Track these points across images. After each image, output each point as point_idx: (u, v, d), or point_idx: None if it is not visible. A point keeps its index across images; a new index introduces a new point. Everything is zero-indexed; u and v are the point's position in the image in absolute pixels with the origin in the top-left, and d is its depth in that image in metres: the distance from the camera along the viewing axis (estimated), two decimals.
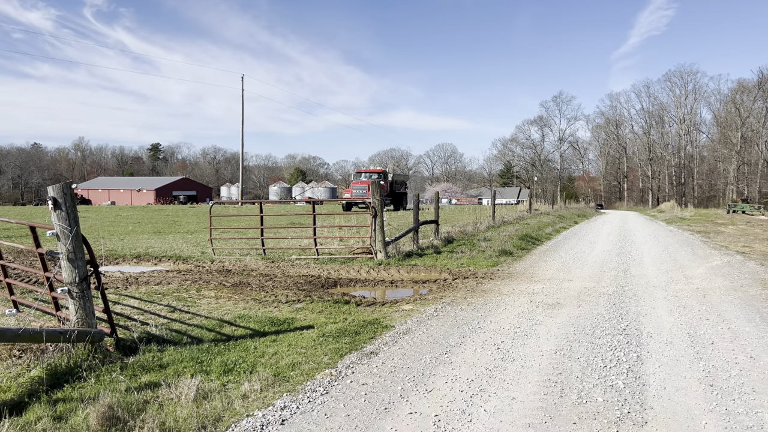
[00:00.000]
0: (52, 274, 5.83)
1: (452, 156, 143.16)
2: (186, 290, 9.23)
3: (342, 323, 7.10)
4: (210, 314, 7.54)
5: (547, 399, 4.60)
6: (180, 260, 13.30)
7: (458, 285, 9.91)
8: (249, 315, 7.51)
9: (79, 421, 3.96)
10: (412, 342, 6.29)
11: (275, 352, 5.84)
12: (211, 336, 6.44)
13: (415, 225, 15.24)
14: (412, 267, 12.05)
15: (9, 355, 5.28)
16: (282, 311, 7.86)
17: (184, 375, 5.04)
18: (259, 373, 5.13)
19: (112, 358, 5.36)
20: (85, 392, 4.57)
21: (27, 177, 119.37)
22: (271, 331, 6.70)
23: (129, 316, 7.26)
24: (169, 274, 10.97)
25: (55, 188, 5.35)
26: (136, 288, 9.37)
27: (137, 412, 4.17)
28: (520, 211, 35.52)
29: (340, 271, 11.57)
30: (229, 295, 8.88)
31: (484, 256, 13.76)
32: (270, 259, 13.41)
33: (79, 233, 5.44)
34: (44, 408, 4.21)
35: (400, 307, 8.13)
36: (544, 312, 7.79)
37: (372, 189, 13.44)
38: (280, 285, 9.88)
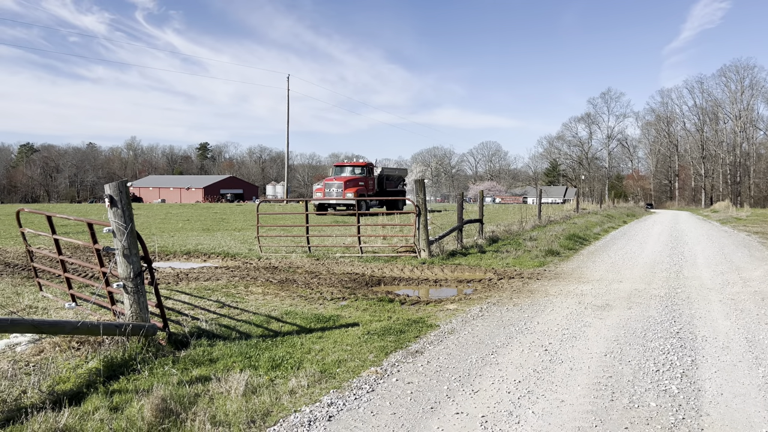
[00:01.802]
0: (108, 270, 6.04)
1: (496, 154, 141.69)
2: (234, 286, 9.41)
3: (386, 321, 7.11)
4: (257, 310, 7.67)
5: (597, 402, 4.50)
6: (228, 257, 13.58)
7: (504, 285, 9.80)
8: (295, 311, 7.61)
9: (134, 412, 4.08)
10: (457, 342, 6.25)
11: (321, 349, 5.89)
12: (259, 332, 6.56)
13: (459, 224, 15.14)
14: (456, 266, 11.97)
15: (68, 346, 5.50)
16: (327, 308, 7.93)
17: (233, 369, 5.14)
18: (306, 369, 5.19)
19: (165, 352, 5.52)
20: (140, 384, 4.72)
21: (82, 175, 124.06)
22: (316, 328, 6.77)
23: (180, 311, 7.46)
24: (218, 271, 11.21)
25: (111, 186, 5.53)
26: (187, 284, 9.61)
27: (189, 405, 4.28)
28: (567, 210, 34.86)
29: (384, 270, 11.60)
30: (275, 292, 9.02)
31: (530, 256, 13.55)
32: (315, 256, 13.56)
33: (134, 230, 5.62)
34: (101, 399, 4.37)
35: (445, 307, 8.09)
36: (593, 313, 7.62)
37: (416, 188, 13.39)
38: (325, 282, 9.98)
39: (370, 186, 34.44)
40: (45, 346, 5.55)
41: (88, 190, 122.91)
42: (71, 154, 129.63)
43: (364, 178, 33.82)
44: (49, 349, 5.51)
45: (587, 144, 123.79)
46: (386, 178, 37.87)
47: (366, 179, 33.97)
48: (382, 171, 37.34)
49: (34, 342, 5.74)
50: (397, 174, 40.76)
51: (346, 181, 32.15)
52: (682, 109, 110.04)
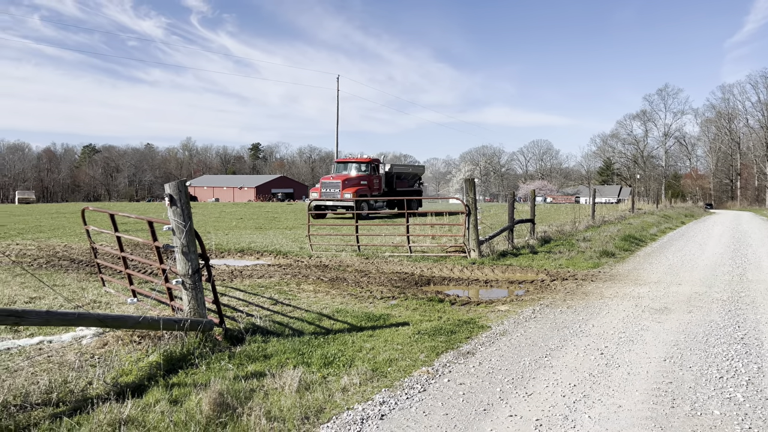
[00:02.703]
0: (168, 267, 6.23)
1: (547, 153, 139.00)
2: (287, 284, 9.57)
3: (437, 321, 7.08)
4: (309, 307, 7.77)
5: (656, 409, 4.36)
6: (280, 255, 13.82)
7: (557, 287, 9.61)
8: (346, 309, 7.68)
9: (193, 406, 4.20)
10: (509, 343, 6.17)
11: (372, 347, 5.92)
12: (311, 329, 6.64)
13: (510, 224, 14.94)
14: (507, 267, 11.82)
15: (130, 340, 5.71)
16: (377, 307, 7.96)
17: (286, 366, 5.23)
18: (358, 368, 5.22)
19: (221, 347, 5.66)
20: (197, 378, 4.86)
21: (140, 175, 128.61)
22: (367, 327, 6.81)
23: (235, 307, 7.64)
24: (271, 268, 11.43)
25: (171, 186, 5.71)
26: (241, 281, 9.83)
27: (245, 400, 4.38)
28: (622, 211, 33.88)
29: (433, 269, 11.56)
30: (326, 290, 9.12)
31: (584, 257, 13.24)
32: (364, 255, 13.64)
33: (192, 228, 5.78)
34: (162, 391, 4.52)
35: (496, 308, 8.00)
36: (650, 317, 7.39)
37: (465, 187, 13.29)
38: (374, 281, 10.02)
39: (375, 185, 30.69)
40: (109, 339, 5.78)
41: (145, 189, 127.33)
42: (130, 155, 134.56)
43: (367, 177, 30.29)
44: (112, 342, 5.73)
45: (643, 142, 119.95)
46: (397, 176, 33.53)
47: (370, 177, 30.46)
48: (391, 168, 33.11)
49: (99, 335, 5.99)
50: (411, 172, 35.92)
51: (344, 180, 28.90)
52: (745, 105, 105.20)
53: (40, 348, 5.74)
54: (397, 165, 35.10)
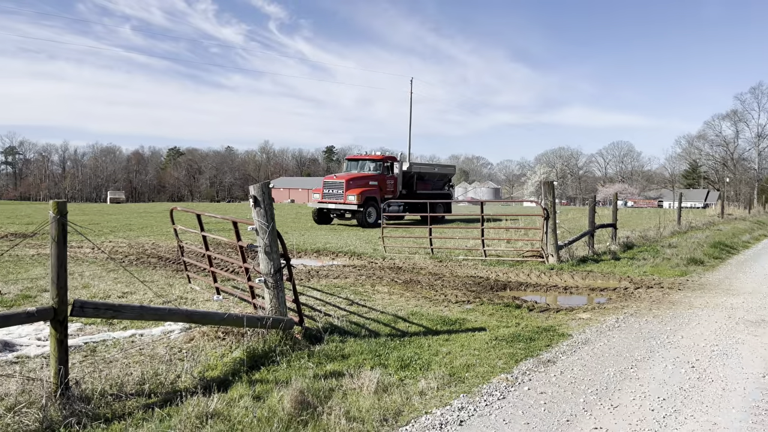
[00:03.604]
0: (251, 266, 6.44)
1: (628, 155, 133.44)
2: (361, 285, 9.67)
3: (515, 328, 6.94)
4: (384, 309, 7.81)
5: (756, 428, 4.07)
6: (354, 256, 13.99)
7: (641, 295, 9.19)
8: (421, 312, 7.66)
9: (275, 402, 4.31)
10: (592, 353, 5.95)
11: (449, 352, 5.87)
12: (387, 330, 6.67)
13: (591, 228, 14.44)
14: (587, 273, 11.43)
15: (215, 336, 5.93)
16: (452, 311, 7.90)
17: (364, 366, 5.27)
18: (435, 372, 5.19)
19: (300, 346, 5.77)
20: (279, 376, 4.97)
21: (221, 177, 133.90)
22: (443, 330, 6.76)
23: (313, 306, 7.78)
24: (346, 269, 11.58)
25: (255, 188, 5.89)
26: (317, 280, 10.02)
27: (324, 399, 4.44)
28: (710, 216, 32.05)
29: (509, 274, 11.34)
30: (400, 292, 9.14)
31: (670, 264, 12.61)
32: (438, 258, 13.57)
33: (275, 229, 5.94)
34: (245, 387, 4.65)
35: (577, 315, 7.74)
36: (746, 330, 6.92)
37: (544, 190, 12.96)
38: (449, 285, 9.95)
39: (388, 186, 26.24)
40: (195, 335, 6.03)
41: (226, 190, 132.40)
42: (212, 157, 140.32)
43: (378, 177, 25.90)
44: (198, 337, 5.97)
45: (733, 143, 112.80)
46: (418, 177, 28.58)
47: (382, 178, 25.96)
48: (410, 168, 28.24)
49: (186, 330, 6.25)
50: (437, 172, 30.63)
51: (349, 180, 24.65)
52: None
53: (133, 341, 6.06)
54: (418, 164, 30.41)
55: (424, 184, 28.76)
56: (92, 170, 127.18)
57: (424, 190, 28.34)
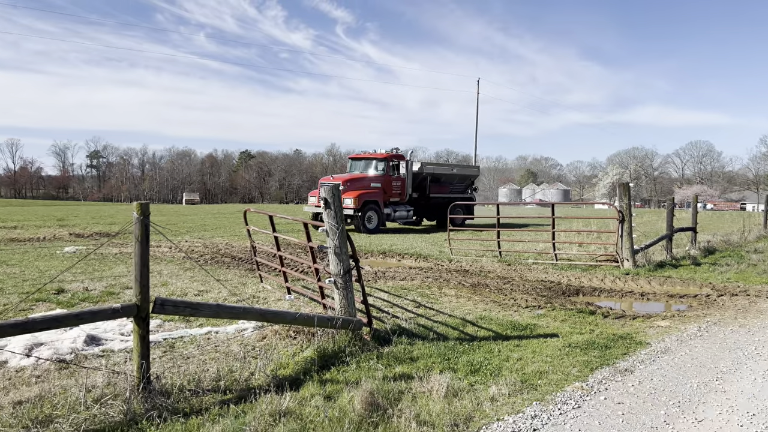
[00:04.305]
0: (322, 266, 6.52)
1: (707, 155, 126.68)
2: (428, 287, 9.62)
3: (589, 335, 6.70)
4: (452, 312, 7.73)
5: None
6: (420, 258, 13.96)
7: (725, 303, 8.68)
8: (490, 317, 7.53)
9: (345, 403, 4.33)
10: (673, 363, 5.66)
11: (520, 358, 5.74)
12: (455, 334, 6.59)
13: (669, 232, 13.80)
14: (665, 279, 10.91)
15: (286, 335, 6.04)
16: (522, 316, 7.72)
17: (433, 370, 5.22)
18: (506, 378, 5.08)
19: (369, 347, 5.79)
20: (348, 376, 5.00)
21: (290, 179, 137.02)
22: (513, 336, 6.62)
23: (380, 308, 7.80)
24: (412, 271, 11.56)
25: (325, 190, 5.97)
26: (384, 282, 10.05)
27: (394, 401, 4.43)
28: None
29: (582, 279, 10.99)
30: (468, 295, 9.02)
31: (756, 270, 11.86)
32: (506, 261, 13.33)
33: (344, 230, 6.00)
34: (316, 386, 4.71)
35: (655, 323, 7.40)
36: None
37: (619, 192, 12.48)
38: (518, 289, 9.74)
39: (394, 189, 23.56)
40: (267, 333, 6.17)
41: (294, 192, 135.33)
42: (281, 160, 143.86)
43: (382, 178, 23.24)
44: (270, 336, 6.11)
45: None
46: (432, 178, 25.42)
47: (387, 179, 23.30)
48: (422, 168, 25.07)
49: (258, 329, 6.41)
50: (455, 174, 27.03)
51: (346, 181, 22.26)
52: None
53: (209, 338, 6.27)
54: (432, 164, 26.97)
55: (440, 187, 25.81)
56: (169, 173, 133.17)
57: (439, 194, 25.49)
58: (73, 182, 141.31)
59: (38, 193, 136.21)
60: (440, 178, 25.84)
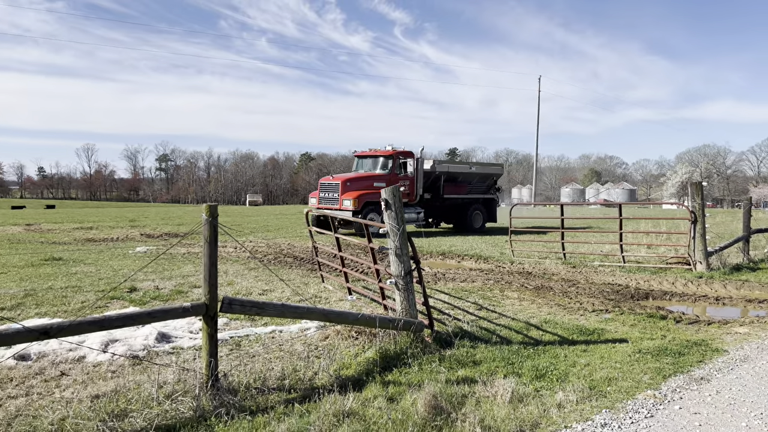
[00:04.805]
0: (383, 267, 6.53)
1: None
2: (490, 289, 9.47)
3: (660, 340, 6.42)
4: (515, 316, 7.58)
5: None
6: (481, 259, 13.78)
7: None
8: (554, 320, 7.34)
9: (408, 405, 4.31)
10: (754, 372, 5.35)
11: (587, 363, 5.55)
12: (519, 338, 6.46)
13: (746, 233, 13.07)
14: (742, 283, 10.34)
15: (348, 335, 6.08)
16: (589, 320, 7.48)
17: (496, 374, 5.13)
18: (573, 384, 4.92)
19: (431, 349, 5.75)
20: (411, 378, 4.98)
21: None
22: (579, 340, 6.42)
23: (441, 310, 7.74)
24: (472, 273, 11.43)
25: (387, 191, 5.97)
26: (444, 284, 9.97)
27: (458, 405, 4.37)
28: None
29: (651, 282, 10.55)
30: (531, 298, 8.83)
31: None
32: (570, 263, 12.97)
33: (405, 231, 5.97)
34: (378, 388, 4.71)
35: (732, 329, 7.01)
36: None
37: (691, 191, 11.92)
38: (584, 292, 9.46)
39: (408, 190, 21.76)
40: (330, 333, 6.22)
41: None
42: (340, 162, 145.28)
43: (387, 177, 21.26)
44: (332, 335, 6.16)
45: None
46: (447, 178, 23.22)
47: (392, 178, 21.29)
48: (434, 167, 22.79)
49: (320, 328, 6.48)
50: (474, 173, 24.45)
51: (345, 181, 20.67)
52: None
53: (273, 336, 6.38)
54: (446, 162, 24.62)
55: (457, 187, 23.71)
56: (233, 175, 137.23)
57: (455, 194, 23.55)
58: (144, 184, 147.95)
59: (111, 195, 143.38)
60: (457, 178, 23.76)
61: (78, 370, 5.11)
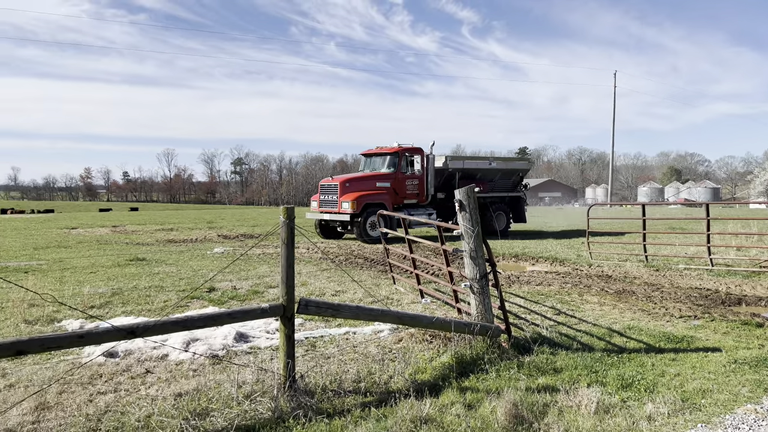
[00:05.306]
0: (457, 270, 6.40)
1: None
2: (567, 293, 9.14)
3: (758, 350, 5.96)
4: (596, 321, 7.26)
5: None
6: (556, 262, 13.35)
7: None
8: (639, 327, 6.97)
9: (487, 413, 4.17)
10: None
11: (677, 373, 5.22)
12: (602, 345, 6.16)
13: None
14: None
15: (422, 338, 5.99)
16: (677, 327, 7.06)
17: (579, 383, 4.90)
18: (663, 395, 4.63)
19: (509, 356, 5.57)
20: (489, 385, 4.83)
21: None
22: (667, 349, 6.06)
23: (517, 314, 7.52)
24: (548, 276, 11.07)
25: (460, 192, 5.85)
26: (519, 287, 9.70)
27: (540, 415, 4.19)
28: None
29: (743, 287, 9.87)
30: (613, 303, 8.44)
31: None
32: (653, 266, 12.35)
33: (480, 233, 5.83)
34: (456, 394, 4.59)
35: None
36: None
37: None
38: (669, 297, 8.95)
39: (407, 189, 19.96)
40: (403, 336, 6.16)
41: None
42: None
43: (392, 176, 19.72)
44: (406, 338, 6.09)
45: None
46: (464, 175, 21.22)
47: (398, 177, 19.75)
48: (446, 163, 20.89)
49: (394, 331, 6.42)
50: (494, 169, 22.31)
51: (344, 182, 19.20)
52: None
53: (347, 338, 6.39)
54: (459, 158, 22.10)
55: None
56: (304, 177, 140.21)
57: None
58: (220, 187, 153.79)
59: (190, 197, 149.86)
60: (474, 175, 21.63)
61: (162, 368, 5.29)
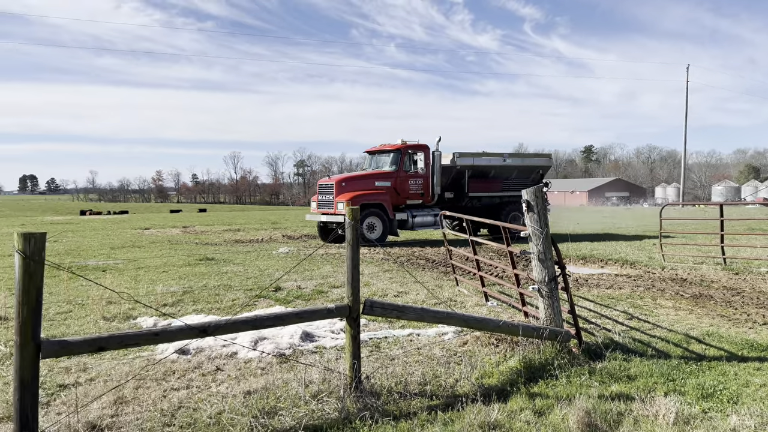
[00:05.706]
0: (525, 273, 6.25)
1: None
2: (640, 297, 8.77)
3: None
4: (672, 327, 6.92)
5: None
6: (627, 264, 12.85)
7: None
8: (719, 333, 6.60)
9: (558, 421, 4.03)
10: None
11: (763, 384, 4.90)
12: (678, 352, 5.87)
13: None
14: None
15: (488, 342, 5.88)
16: (761, 334, 6.64)
17: (655, 391, 4.68)
18: (748, 407, 4.35)
19: (580, 361, 5.38)
20: (559, 391, 4.68)
21: None
22: (751, 357, 5.70)
23: (586, 318, 7.27)
24: (618, 279, 10.67)
25: (528, 192, 5.70)
26: (588, 290, 9.39)
27: (613, 424, 4.02)
28: None
29: None
30: (689, 308, 8.04)
31: None
32: (732, 269, 11.69)
33: (549, 235, 5.67)
34: (524, 400, 4.47)
35: None
36: None
37: None
38: (751, 302, 8.45)
39: (411, 188, 18.71)
40: (468, 339, 6.06)
41: None
42: None
43: (393, 175, 18.51)
44: (471, 342, 5.99)
45: None
46: (475, 173, 19.86)
47: (400, 176, 18.54)
48: (453, 160, 19.44)
49: (458, 334, 6.34)
50: (511, 165, 20.64)
51: (340, 182, 18.15)
52: None
53: (411, 340, 6.35)
54: (469, 155, 19.89)
55: (487, 183, 20.05)
56: None
57: (485, 192, 20.02)
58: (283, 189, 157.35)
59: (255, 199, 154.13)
60: (487, 173, 20.10)
61: (231, 365, 5.41)
